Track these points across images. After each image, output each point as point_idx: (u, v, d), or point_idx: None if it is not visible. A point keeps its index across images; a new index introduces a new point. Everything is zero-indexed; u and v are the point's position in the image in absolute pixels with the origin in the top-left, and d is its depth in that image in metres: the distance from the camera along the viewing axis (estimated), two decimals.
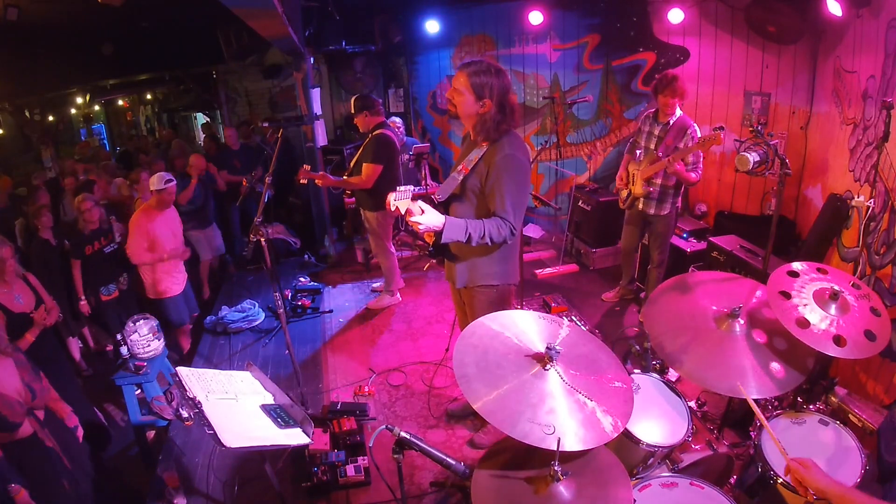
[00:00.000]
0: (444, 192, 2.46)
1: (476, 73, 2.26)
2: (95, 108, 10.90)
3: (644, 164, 3.77)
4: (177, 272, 4.11)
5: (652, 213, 3.85)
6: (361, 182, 4.06)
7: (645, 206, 3.86)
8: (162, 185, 3.88)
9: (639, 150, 3.89)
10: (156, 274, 3.98)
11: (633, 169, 3.88)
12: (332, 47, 5.73)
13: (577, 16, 5.30)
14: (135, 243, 3.86)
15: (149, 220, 3.90)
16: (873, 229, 2.89)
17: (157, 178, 3.91)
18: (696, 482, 1.86)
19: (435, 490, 2.68)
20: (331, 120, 6.93)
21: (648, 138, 3.80)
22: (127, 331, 3.37)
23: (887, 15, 2.97)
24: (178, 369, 2.19)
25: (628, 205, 4.00)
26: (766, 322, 2.02)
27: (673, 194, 3.79)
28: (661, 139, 3.68)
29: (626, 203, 4.01)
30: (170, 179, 3.93)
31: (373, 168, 4.01)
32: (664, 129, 3.68)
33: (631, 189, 3.91)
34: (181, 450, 3.12)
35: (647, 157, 3.75)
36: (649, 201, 3.83)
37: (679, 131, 3.62)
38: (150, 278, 3.99)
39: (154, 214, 3.94)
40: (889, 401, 2.51)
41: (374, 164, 4.01)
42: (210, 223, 5.38)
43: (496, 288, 2.54)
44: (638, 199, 3.89)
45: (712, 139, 3.32)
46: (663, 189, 3.76)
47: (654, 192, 3.78)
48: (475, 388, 1.60)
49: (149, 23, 6.28)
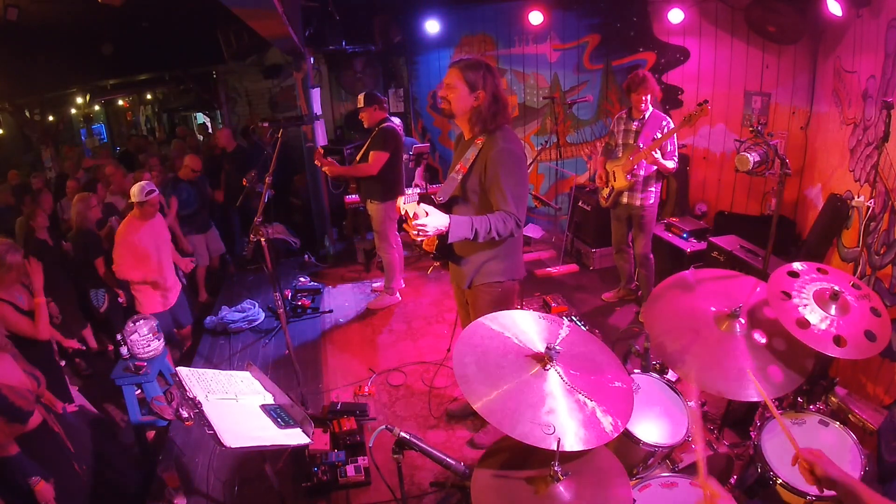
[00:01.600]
0: (444, 193, 2.46)
1: (467, 67, 2.33)
2: (95, 108, 10.90)
3: (624, 157, 3.83)
4: (161, 288, 3.87)
5: (637, 204, 3.90)
6: (368, 168, 4.15)
7: (629, 198, 3.92)
8: (143, 196, 3.64)
9: (616, 147, 3.97)
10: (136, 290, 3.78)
11: (611, 167, 3.95)
12: (332, 47, 5.72)
13: (577, 16, 5.30)
14: (120, 258, 3.68)
15: (134, 232, 3.69)
16: (873, 229, 2.90)
17: (138, 188, 3.66)
18: (696, 482, 1.86)
19: (435, 490, 2.68)
20: (331, 120, 6.93)
21: (625, 135, 3.89)
22: (127, 331, 3.37)
23: (887, 15, 2.97)
24: (178, 369, 2.18)
25: (612, 202, 4.05)
26: (766, 322, 2.02)
27: (654, 183, 3.87)
28: (639, 132, 3.76)
29: (610, 201, 4.05)
30: (151, 190, 3.70)
31: (380, 155, 4.11)
32: (640, 123, 3.78)
33: (613, 185, 3.96)
34: (181, 450, 3.12)
35: (627, 151, 3.82)
36: (633, 193, 3.89)
37: (655, 123, 3.73)
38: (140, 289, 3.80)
39: (138, 226, 3.73)
40: (889, 401, 2.51)
41: (382, 152, 4.11)
42: (209, 227, 5.37)
43: (501, 284, 2.55)
44: (622, 194, 3.94)
45: (699, 112, 3.37)
46: (645, 180, 3.83)
47: (638, 184, 3.84)
48: (475, 388, 1.60)
49: (149, 23, 6.29)
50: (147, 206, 3.71)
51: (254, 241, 2.94)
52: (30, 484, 2.12)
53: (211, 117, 10.38)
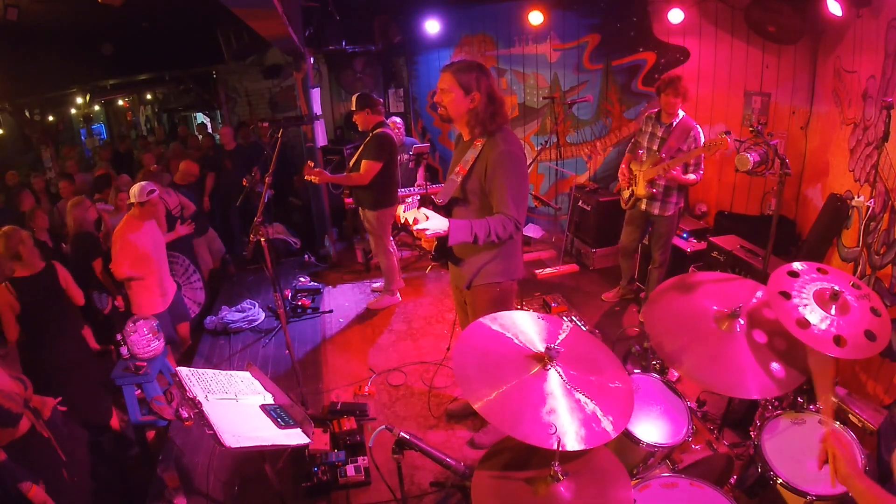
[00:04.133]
0: (444, 195, 2.46)
1: (459, 70, 2.31)
2: (95, 108, 10.89)
3: (647, 164, 3.76)
4: (160, 287, 3.85)
5: (656, 213, 3.84)
6: (360, 178, 4.06)
7: (648, 206, 3.86)
8: (144, 196, 3.63)
9: (641, 150, 3.88)
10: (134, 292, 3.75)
11: (635, 169, 3.88)
12: (332, 47, 5.73)
13: (577, 16, 5.30)
14: (118, 257, 3.62)
15: (133, 231, 3.66)
16: (873, 229, 2.90)
17: (139, 188, 3.65)
18: (696, 482, 1.86)
19: (435, 490, 2.68)
20: (331, 120, 6.93)
21: (651, 139, 3.79)
22: (127, 331, 3.37)
23: (887, 15, 2.97)
24: (178, 369, 2.18)
25: (630, 205, 4.00)
26: (766, 322, 2.02)
27: (676, 194, 3.79)
28: (665, 140, 3.67)
29: (629, 204, 4.00)
30: (152, 190, 3.70)
31: (372, 165, 4.01)
32: (667, 130, 3.67)
33: (633, 190, 3.91)
34: (181, 450, 3.12)
35: (650, 158, 3.74)
36: (653, 202, 3.82)
37: (682, 132, 3.62)
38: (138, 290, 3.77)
39: (137, 225, 3.69)
40: (889, 401, 2.51)
41: (374, 162, 4.01)
42: (206, 230, 5.36)
43: (500, 285, 2.55)
44: (641, 200, 3.89)
45: (719, 144, 3.28)
46: (666, 190, 3.76)
47: (658, 193, 3.78)
48: (475, 388, 1.60)
49: (149, 23, 6.28)
50: (148, 205, 3.70)
51: (254, 241, 2.94)
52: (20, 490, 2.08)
53: (211, 117, 10.38)
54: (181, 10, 5.77)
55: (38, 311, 3.21)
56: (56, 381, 3.09)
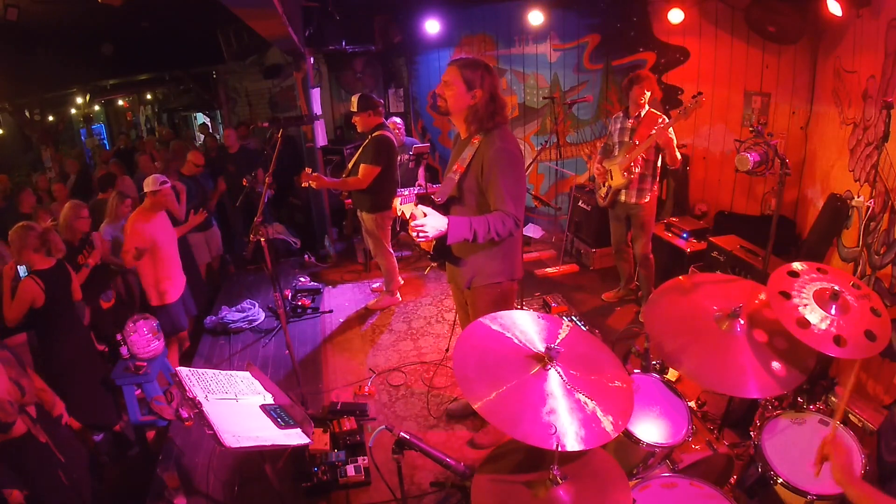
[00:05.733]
0: (443, 193, 2.46)
1: (465, 65, 2.34)
2: (95, 108, 10.91)
3: (621, 155, 3.84)
4: (175, 277, 3.95)
5: (634, 201, 3.90)
6: (358, 182, 4.04)
7: (626, 196, 3.92)
8: (157, 186, 3.72)
9: (614, 147, 3.98)
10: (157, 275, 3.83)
11: (609, 165, 3.96)
12: (332, 47, 5.72)
13: (577, 16, 5.30)
14: (128, 244, 3.66)
15: (146, 221, 3.74)
16: (873, 229, 2.90)
17: (152, 179, 3.75)
18: (696, 482, 1.86)
19: (435, 490, 2.68)
20: (331, 120, 6.93)
21: (622, 133, 3.91)
22: (127, 331, 3.37)
23: (887, 15, 2.97)
24: (178, 369, 2.18)
25: (610, 201, 4.05)
26: (766, 322, 2.01)
27: (650, 180, 3.87)
28: (635, 130, 3.80)
29: (608, 200, 4.05)
30: (164, 181, 3.78)
31: (370, 169, 3.99)
32: (636, 120, 3.82)
33: (610, 183, 3.97)
34: (181, 450, 3.12)
35: (624, 148, 3.83)
36: (630, 191, 3.89)
37: (651, 121, 3.76)
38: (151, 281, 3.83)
39: (149, 216, 3.76)
40: (889, 401, 2.52)
41: (372, 166, 3.98)
42: (210, 225, 5.36)
43: (500, 285, 2.55)
44: (619, 192, 3.94)
45: (694, 105, 3.40)
46: (641, 177, 3.84)
47: (634, 181, 3.85)
48: (475, 388, 1.59)
49: (149, 23, 6.28)
50: (160, 195, 3.77)
51: (254, 241, 2.94)
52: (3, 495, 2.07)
53: (211, 117, 10.39)
54: (181, 10, 5.77)
55: (53, 306, 3.22)
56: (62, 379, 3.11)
